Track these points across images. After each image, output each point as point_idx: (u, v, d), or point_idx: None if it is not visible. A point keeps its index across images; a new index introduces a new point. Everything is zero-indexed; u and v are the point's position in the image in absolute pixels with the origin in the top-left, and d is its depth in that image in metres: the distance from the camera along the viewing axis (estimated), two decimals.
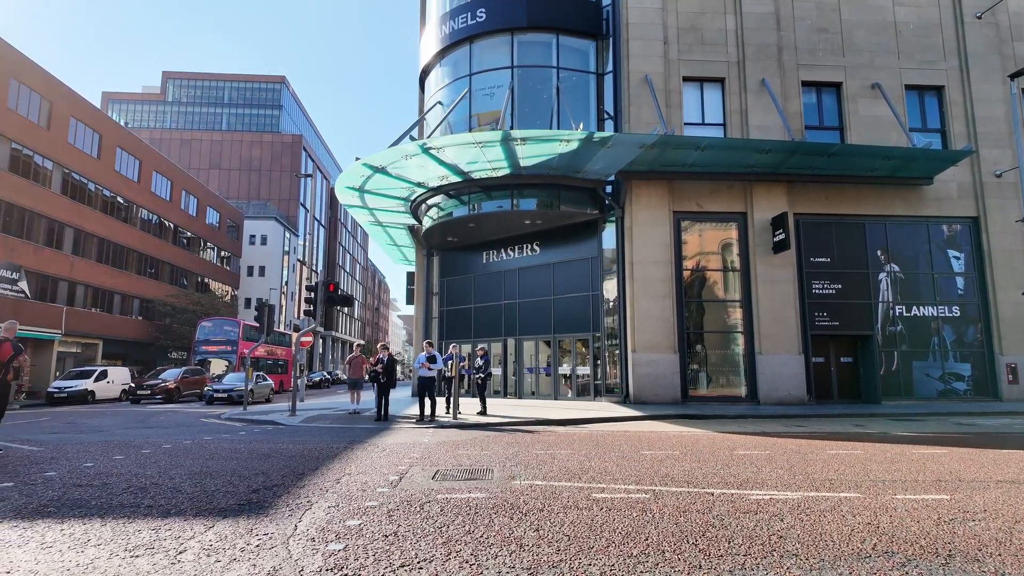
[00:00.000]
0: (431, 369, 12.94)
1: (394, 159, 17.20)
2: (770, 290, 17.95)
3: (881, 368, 18.17)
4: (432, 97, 21.87)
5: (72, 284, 33.65)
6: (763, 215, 18.26)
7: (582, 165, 17.48)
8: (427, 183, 19.15)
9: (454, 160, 17.17)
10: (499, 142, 15.92)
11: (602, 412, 14.66)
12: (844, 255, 18.71)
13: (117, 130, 38.64)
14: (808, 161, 17.50)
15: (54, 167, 32.18)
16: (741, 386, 18.02)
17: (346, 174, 18.76)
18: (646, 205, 18.10)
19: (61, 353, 32.64)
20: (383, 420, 12.69)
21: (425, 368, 12.89)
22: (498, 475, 6.06)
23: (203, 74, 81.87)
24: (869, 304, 18.51)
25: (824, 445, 8.73)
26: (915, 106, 19.82)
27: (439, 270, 23.97)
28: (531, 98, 19.68)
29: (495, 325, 21.83)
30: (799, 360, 17.70)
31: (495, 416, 13.47)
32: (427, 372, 12.87)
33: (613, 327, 18.83)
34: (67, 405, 23.97)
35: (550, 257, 20.60)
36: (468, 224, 19.91)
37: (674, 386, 17.30)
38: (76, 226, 33.83)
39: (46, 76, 31.77)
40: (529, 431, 10.92)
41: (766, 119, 18.59)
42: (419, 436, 9.91)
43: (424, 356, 13.04)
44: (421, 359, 13.11)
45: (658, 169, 17.84)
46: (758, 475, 6.16)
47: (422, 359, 13.05)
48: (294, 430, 11.54)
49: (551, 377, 20.37)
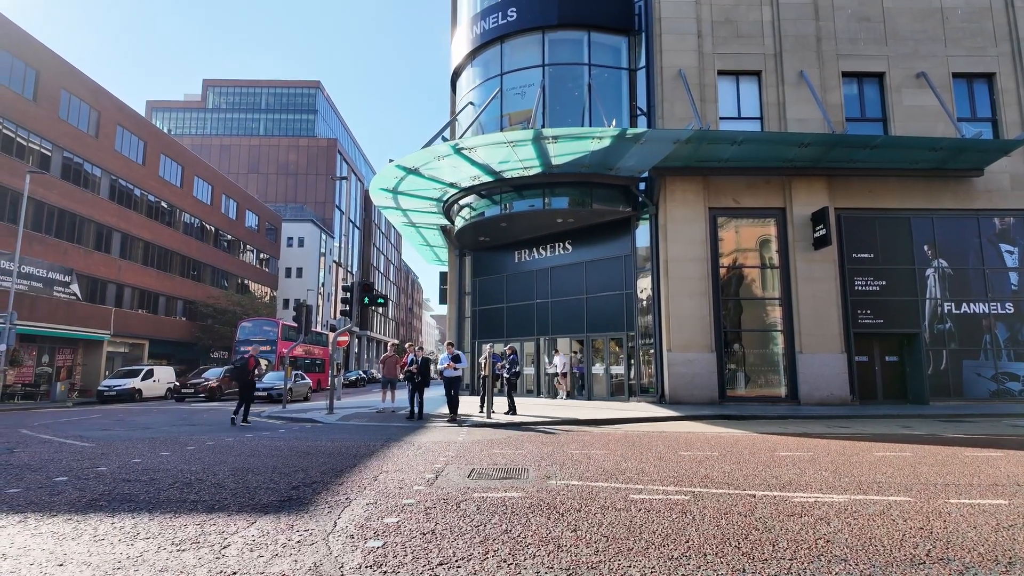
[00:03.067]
0: (456, 369, 13.15)
1: (426, 160, 17.33)
2: (810, 287, 17.47)
3: (929, 367, 17.50)
4: (464, 98, 21.96)
5: (120, 286, 34.94)
6: (802, 210, 17.78)
7: (614, 162, 17.31)
8: (459, 183, 19.24)
9: (485, 160, 17.21)
10: (530, 141, 15.88)
11: (637, 412, 14.49)
12: (888, 251, 18.08)
13: (161, 137, 39.96)
14: (850, 154, 16.96)
15: (102, 174, 33.47)
16: (781, 386, 17.59)
17: (380, 176, 18.98)
18: (681, 201, 17.83)
19: (110, 353, 33.94)
20: (417, 419, 12.88)
21: (450, 368, 13.08)
22: (533, 474, 6.04)
23: (241, 81, 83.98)
24: (915, 301, 17.85)
25: (870, 447, 8.45)
26: (963, 95, 19.01)
27: (471, 270, 24.06)
28: (562, 96, 19.58)
29: (527, 324, 21.81)
30: (841, 359, 17.18)
31: (527, 416, 13.45)
32: (452, 372, 13.07)
33: (647, 326, 18.60)
34: (116, 403, 24.92)
35: (582, 256, 20.47)
36: (500, 224, 19.93)
37: (711, 386, 16.99)
38: (123, 230, 35.11)
39: (94, 86, 33.05)
40: (563, 431, 10.87)
41: (805, 112, 18.10)
42: (453, 435, 9.95)
43: (448, 356, 13.22)
44: (446, 359, 13.31)
45: (693, 165, 17.54)
46: (801, 477, 5.99)
47: (447, 359, 13.24)
48: (332, 428, 11.73)
49: (584, 377, 20.24)
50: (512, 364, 14.52)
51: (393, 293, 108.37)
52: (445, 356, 13.04)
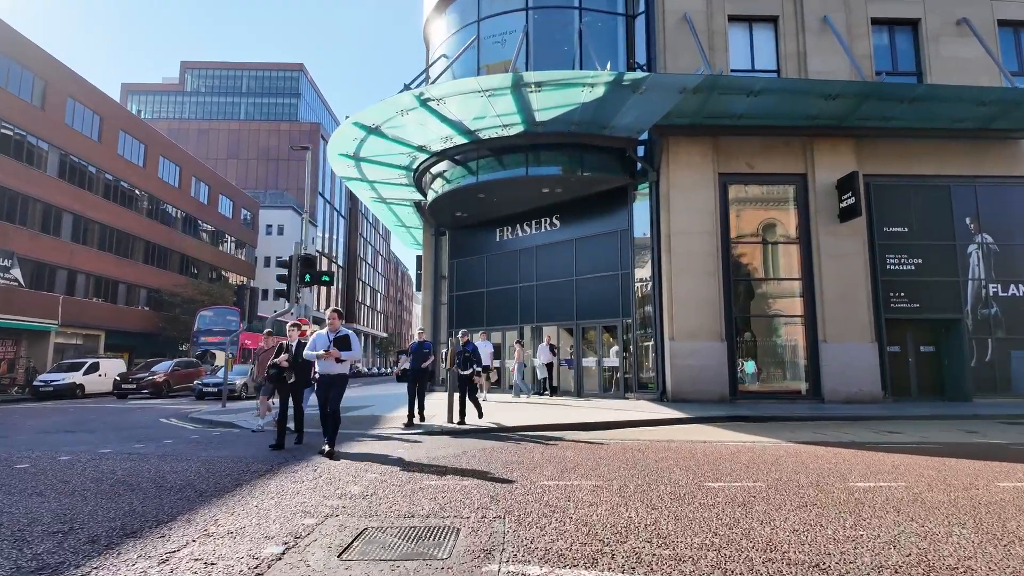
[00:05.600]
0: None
1: (389, 115, 14.71)
2: (836, 265, 15.01)
3: (972, 359, 15.09)
4: (436, 51, 19.27)
5: (72, 272, 32.08)
6: (827, 176, 15.30)
7: (609, 119, 14.75)
8: (429, 147, 16.63)
9: (458, 115, 14.61)
10: (509, 89, 13.29)
11: (635, 413, 12.01)
12: (924, 224, 15.62)
13: (119, 112, 36.97)
14: (882, 109, 14.45)
15: (50, 149, 30.54)
16: (800, 380, 15.15)
17: (337, 137, 16.36)
18: (686, 165, 15.29)
19: (60, 345, 31.16)
20: (296, 443, 8.34)
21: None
22: (463, 546, 3.47)
23: (221, 63, 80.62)
24: (955, 282, 15.42)
25: (974, 468, 5.97)
26: (1010, 45, 16.58)
27: (448, 250, 21.46)
28: (549, 45, 16.96)
29: (510, 311, 19.25)
30: (872, 349, 14.75)
31: (500, 420, 10.92)
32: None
33: (647, 312, 16.09)
34: (53, 400, 22.22)
35: (572, 232, 17.92)
36: (477, 194, 17.33)
37: (720, 380, 14.53)
38: (76, 212, 32.21)
39: (40, 54, 30.08)
40: (542, 442, 8.31)
41: (829, 63, 15.57)
42: (388, 450, 7.40)
43: (324, 338, 9.69)
44: (323, 339, 9.30)
45: (700, 123, 15.00)
46: (936, 547, 3.49)
47: (323, 339, 9.33)
48: (241, 438, 9.19)
49: (574, 371, 17.72)
50: (465, 359, 10.42)
51: (382, 285, 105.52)
52: (322, 335, 7.36)
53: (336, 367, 7.13)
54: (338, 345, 7.09)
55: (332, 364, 7.10)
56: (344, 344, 7.14)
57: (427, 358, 10.29)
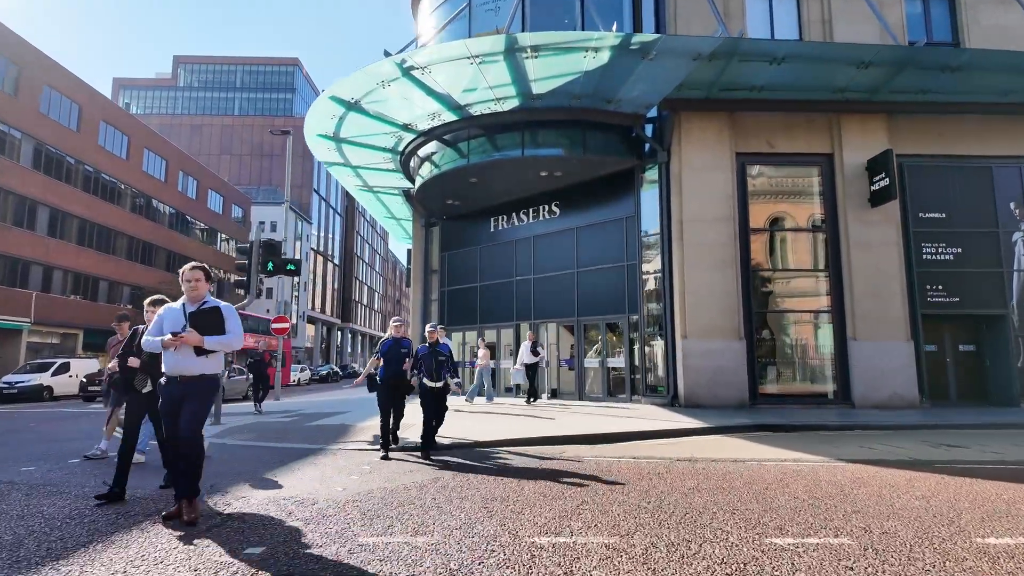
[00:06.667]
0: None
1: (369, 87, 13.17)
2: (866, 255, 13.47)
3: (1018, 359, 13.55)
4: (424, 23, 17.72)
5: (48, 268, 30.56)
6: (855, 157, 13.76)
7: (615, 91, 13.21)
8: (415, 125, 15.10)
9: (446, 87, 13.08)
10: (503, 54, 11.76)
11: (645, 421, 10.47)
12: (964, 209, 14.08)
13: (100, 102, 35.42)
14: (919, 80, 12.92)
15: (23, 138, 29.01)
16: (827, 382, 13.62)
17: (313, 114, 14.84)
18: (700, 144, 13.74)
19: (36, 344, 29.72)
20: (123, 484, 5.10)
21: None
22: None
23: (215, 58, 79.13)
24: (999, 274, 13.87)
25: None
26: None
27: (439, 242, 19.90)
28: (547, 14, 15.41)
29: (506, 307, 17.69)
30: (907, 348, 13.21)
31: (487, 432, 9.40)
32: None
33: (656, 307, 14.54)
34: (17, 403, 20.69)
35: (574, 221, 16.36)
36: (469, 179, 15.78)
37: (739, 383, 12.98)
38: (52, 205, 30.71)
39: (14, 38, 28.56)
40: (534, 464, 6.74)
41: (857, 32, 14.00)
42: (332, 479, 5.78)
43: (389, 341, 7.53)
44: (171, 319, 5.39)
45: (716, 96, 13.46)
46: None
47: (172, 319, 5.48)
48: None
49: (575, 372, 16.17)
50: (438, 363, 7.56)
51: (380, 284, 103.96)
52: (173, 309, 4.41)
53: (194, 363, 4.13)
54: (199, 324, 4.16)
55: (187, 357, 4.11)
56: (210, 322, 4.19)
57: (406, 361, 7.47)
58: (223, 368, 4.77)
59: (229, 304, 4.45)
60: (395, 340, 7.54)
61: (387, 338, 7.63)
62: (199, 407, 4.19)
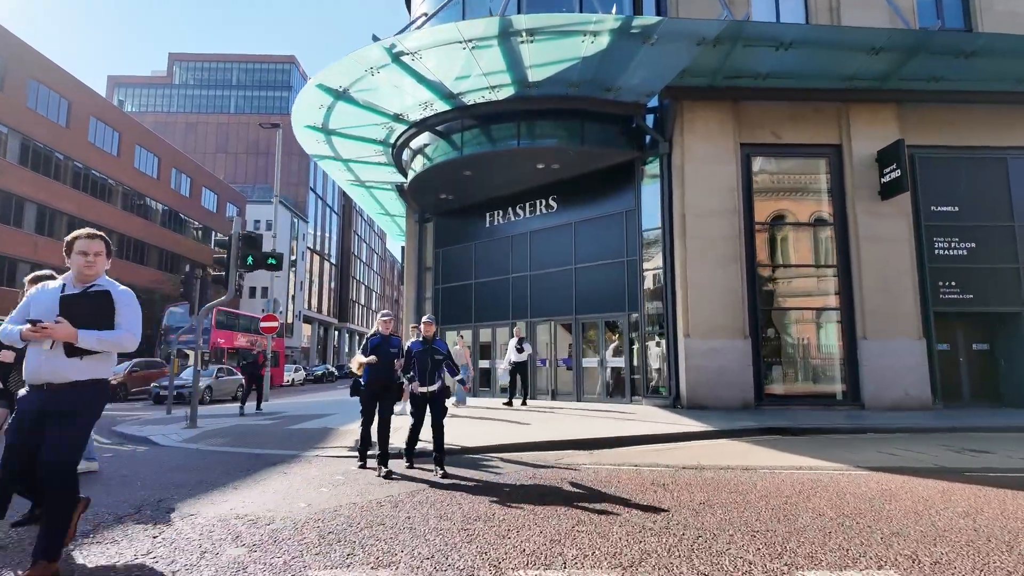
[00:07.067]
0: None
1: (357, 74, 12.59)
2: (876, 250, 12.91)
3: None
4: (417, 10, 17.14)
5: (36, 266, 29.92)
6: (865, 147, 13.21)
7: (614, 79, 12.64)
8: (407, 115, 14.52)
9: (437, 74, 12.51)
10: (496, 37, 11.19)
11: (646, 424, 9.90)
12: (978, 202, 13.52)
13: (90, 98, 34.80)
14: (932, 67, 12.37)
15: (10, 133, 28.39)
16: (835, 382, 13.05)
17: (300, 103, 14.25)
18: (703, 134, 13.17)
19: None
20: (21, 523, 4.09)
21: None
22: None
23: (210, 55, 78.48)
24: (1014, 270, 13.31)
25: None
26: None
27: (433, 239, 19.31)
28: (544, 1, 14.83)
29: (501, 305, 17.12)
30: (919, 347, 12.65)
31: (475, 436, 8.83)
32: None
33: (657, 305, 13.97)
34: None
35: (571, 215, 15.79)
36: (463, 172, 15.21)
37: (743, 384, 12.41)
38: (40, 202, 30.12)
39: None
40: (517, 476, 6.14)
41: (867, 15, 13.44)
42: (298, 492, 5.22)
43: (377, 339, 6.54)
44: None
45: (720, 84, 12.90)
46: None
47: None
48: (141, 462, 7.07)
49: (572, 372, 15.60)
50: (434, 363, 6.44)
51: (377, 284, 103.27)
52: (47, 291, 3.40)
53: (63, 365, 3.11)
54: (74, 313, 3.15)
55: (54, 358, 3.10)
56: (91, 311, 3.21)
57: (396, 363, 6.48)
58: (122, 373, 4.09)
59: (128, 289, 3.49)
60: (384, 338, 6.50)
61: (374, 334, 6.56)
62: (73, 428, 3.07)
